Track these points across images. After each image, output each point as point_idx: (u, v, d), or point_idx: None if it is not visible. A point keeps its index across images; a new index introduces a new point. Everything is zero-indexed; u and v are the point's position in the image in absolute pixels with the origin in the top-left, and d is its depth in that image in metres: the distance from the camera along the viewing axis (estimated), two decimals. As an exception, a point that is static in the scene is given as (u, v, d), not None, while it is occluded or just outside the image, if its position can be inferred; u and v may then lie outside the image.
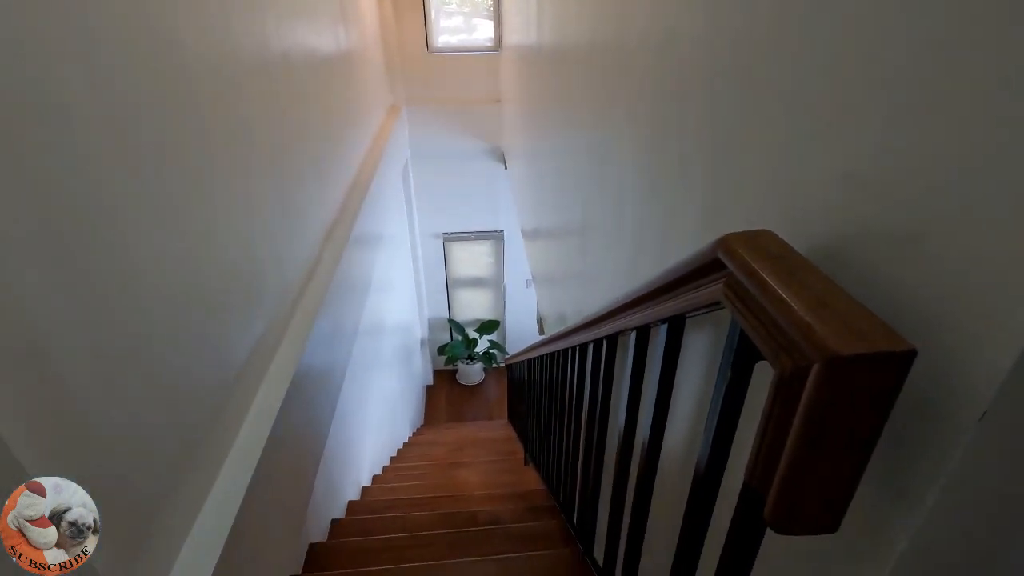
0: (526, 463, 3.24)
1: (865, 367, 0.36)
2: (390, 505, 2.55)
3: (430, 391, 6.31)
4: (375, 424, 3.28)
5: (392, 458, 3.94)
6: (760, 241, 0.51)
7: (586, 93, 1.69)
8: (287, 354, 1.41)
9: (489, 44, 4.82)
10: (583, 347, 1.46)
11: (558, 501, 2.03)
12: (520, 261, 5.66)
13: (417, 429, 5.34)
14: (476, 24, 4.97)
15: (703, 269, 0.59)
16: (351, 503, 2.53)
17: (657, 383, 0.85)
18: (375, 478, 3.23)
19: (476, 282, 6.31)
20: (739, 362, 0.56)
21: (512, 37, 3.89)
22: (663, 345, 0.81)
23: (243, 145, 1.24)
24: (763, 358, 0.50)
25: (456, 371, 6.43)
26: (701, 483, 0.68)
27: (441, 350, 6.17)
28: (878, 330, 0.38)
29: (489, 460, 3.62)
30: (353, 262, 2.19)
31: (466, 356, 6.13)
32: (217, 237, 1.08)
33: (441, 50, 4.81)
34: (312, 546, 1.81)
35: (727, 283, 0.54)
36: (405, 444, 4.51)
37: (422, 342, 6.08)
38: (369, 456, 3.11)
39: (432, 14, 4.66)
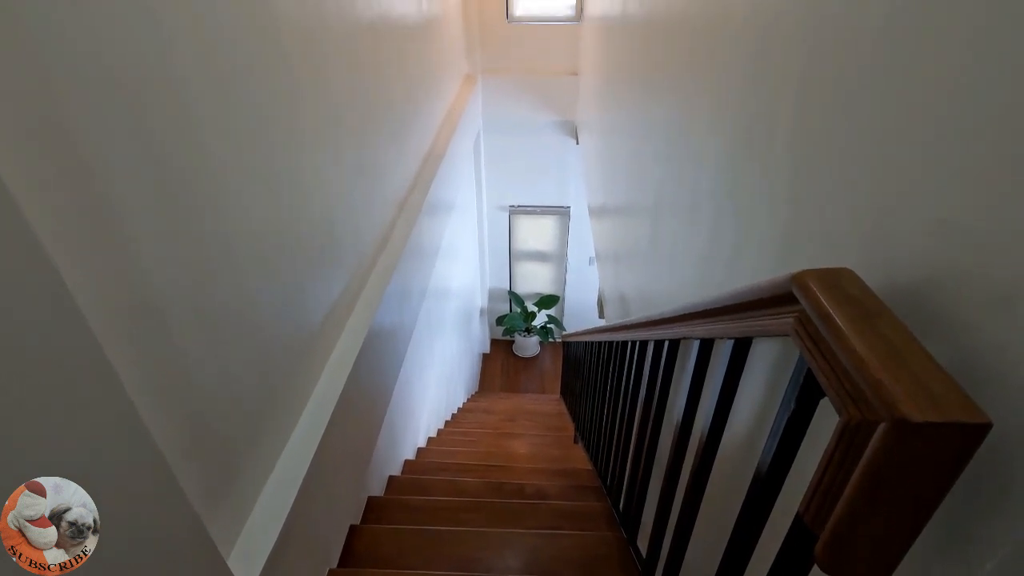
0: (575, 441, 3.29)
1: (935, 435, 0.36)
2: (443, 468, 2.67)
3: (486, 359, 6.47)
4: (433, 386, 3.41)
5: (447, 421, 4.09)
6: (838, 280, 0.50)
7: (671, 74, 1.63)
8: (361, 315, 1.48)
9: (570, 13, 4.70)
10: (643, 342, 1.46)
11: (605, 484, 2.07)
12: (584, 239, 5.62)
13: (472, 395, 5.51)
14: (559, -8, 4.83)
15: (775, 299, 0.58)
16: (407, 462, 2.67)
17: (718, 394, 0.85)
18: (430, 440, 3.38)
19: (539, 256, 6.33)
20: (804, 396, 0.56)
21: (594, 6, 3.77)
22: (727, 360, 0.81)
23: (330, 113, 1.28)
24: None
25: (513, 342, 6.54)
26: (754, 502, 0.69)
27: (500, 320, 6.28)
28: (953, 396, 0.38)
29: (539, 433, 3.70)
30: (424, 229, 2.25)
31: (524, 328, 6.21)
32: (303, 200, 1.14)
33: (520, 19, 4.73)
34: (370, 499, 1.94)
35: (799, 319, 0.53)
36: (460, 409, 4.68)
37: (482, 311, 6.21)
38: (426, 417, 3.26)
39: (515, -19, 4.57)
